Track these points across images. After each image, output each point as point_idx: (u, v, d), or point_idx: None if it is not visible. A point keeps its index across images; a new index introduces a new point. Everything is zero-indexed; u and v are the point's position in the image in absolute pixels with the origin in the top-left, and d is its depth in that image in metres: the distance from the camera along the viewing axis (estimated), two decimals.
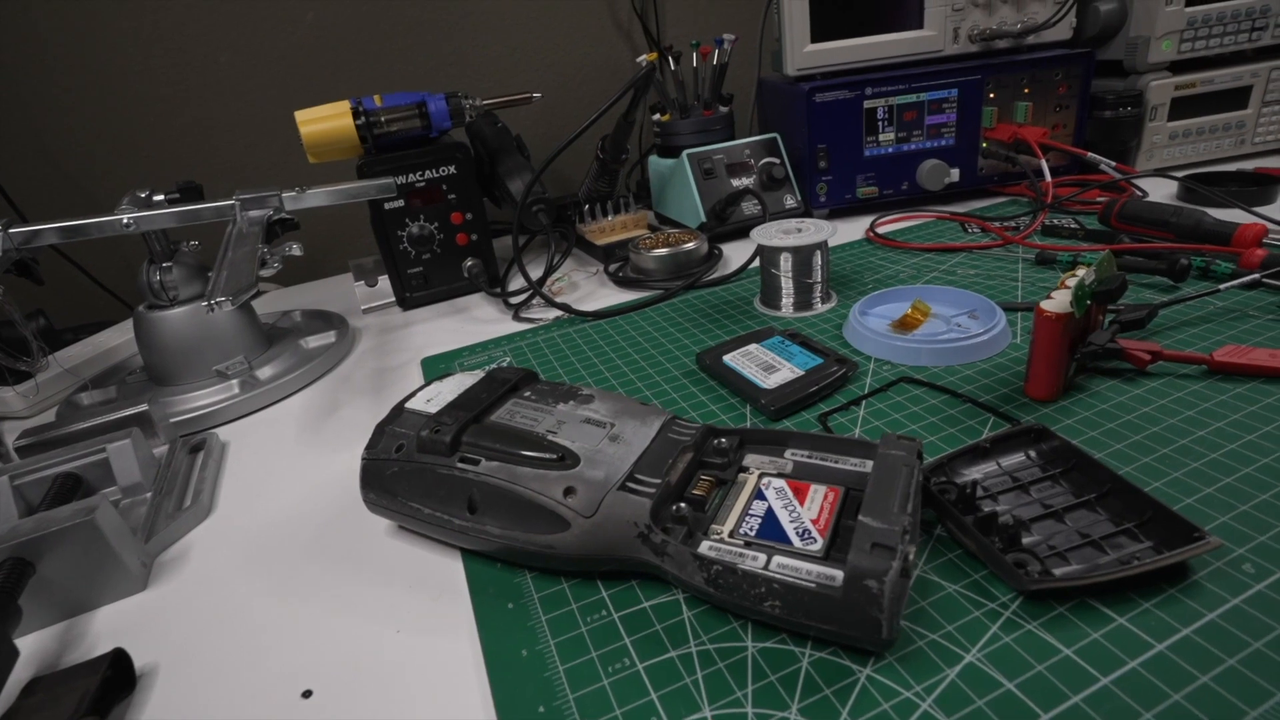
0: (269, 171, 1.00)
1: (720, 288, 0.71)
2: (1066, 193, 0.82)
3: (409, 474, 0.38)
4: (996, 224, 0.76)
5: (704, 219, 0.83)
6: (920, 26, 0.84)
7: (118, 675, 0.32)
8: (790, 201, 0.85)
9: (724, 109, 0.88)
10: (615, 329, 0.64)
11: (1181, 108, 0.84)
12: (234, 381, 0.63)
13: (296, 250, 0.59)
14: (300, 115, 0.69)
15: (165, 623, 0.37)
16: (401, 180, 0.74)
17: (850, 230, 0.82)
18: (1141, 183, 0.85)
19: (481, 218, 0.78)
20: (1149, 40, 0.81)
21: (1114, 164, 0.78)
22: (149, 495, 0.48)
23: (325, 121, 0.69)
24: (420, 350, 0.68)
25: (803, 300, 0.62)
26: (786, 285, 0.61)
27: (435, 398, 0.42)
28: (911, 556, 0.29)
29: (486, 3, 1.01)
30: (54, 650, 0.37)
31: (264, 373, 0.65)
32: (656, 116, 0.89)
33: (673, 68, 0.85)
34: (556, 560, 0.34)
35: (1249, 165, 0.83)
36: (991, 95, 0.82)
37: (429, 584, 0.37)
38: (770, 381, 0.48)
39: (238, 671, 0.33)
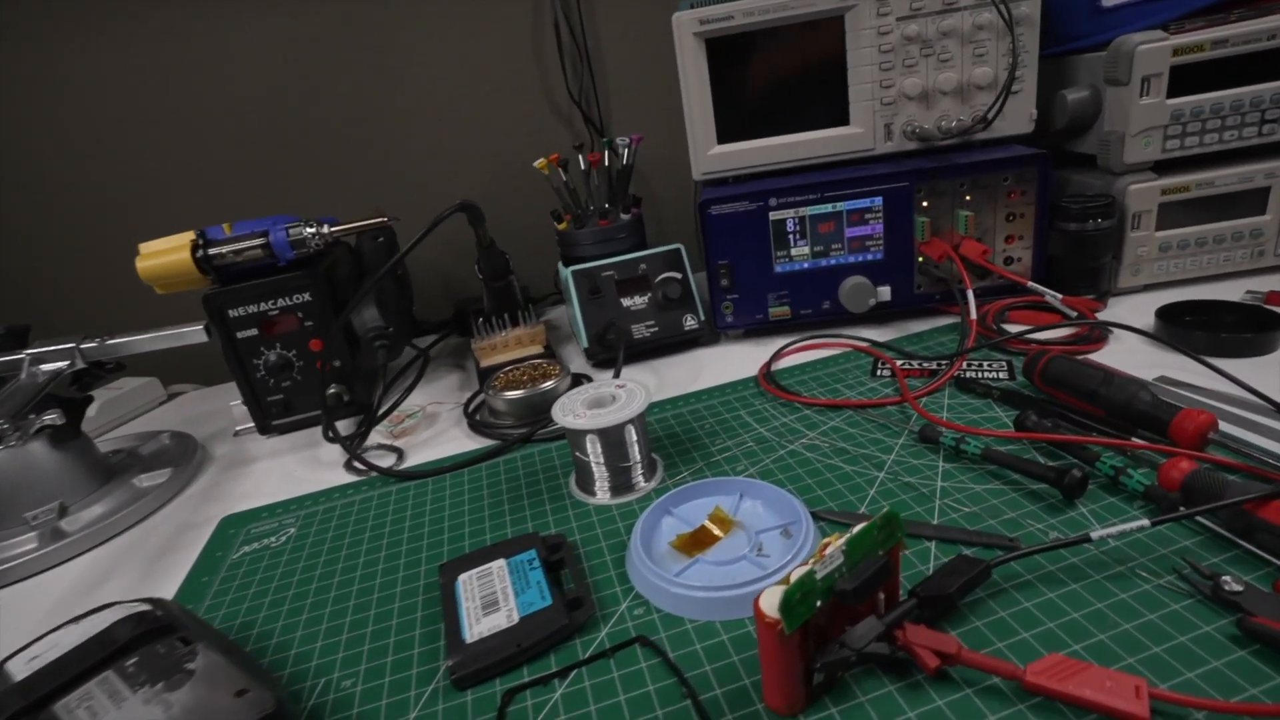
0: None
1: (561, 442, 0.62)
2: (1027, 320, 0.68)
3: None
4: (916, 364, 0.63)
5: (586, 344, 0.74)
6: (846, 123, 0.73)
7: None
8: (690, 323, 0.75)
9: (626, 216, 0.79)
10: (421, 495, 0.57)
11: (1174, 214, 0.68)
12: (35, 534, 0.60)
13: (54, 419, 0.56)
14: (143, 248, 0.67)
15: None
16: (253, 309, 0.70)
17: (756, 357, 0.71)
18: (1129, 301, 0.70)
19: (349, 343, 0.73)
20: (1123, 137, 0.66)
21: (1059, 296, 0.64)
22: None
23: (162, 256, 0.66)
24: (242, 499, 0.63)
25: (621, 483, 0.52)
26: (599, 470, 0.51)
27: (42, 655, 0.36)
28: None
29: (418, 97, 0.98)
30: None
31: (82, 518, 0.62)
32: (558, 225, 0.82)
33: (564, 178, 0.78)
34: None
35: (1265, 285, 0.66)
36: (925, 204, 0.69)
37: None
38: (478, 629, 0.39)
39: None
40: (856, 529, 0.31)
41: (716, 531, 0.43)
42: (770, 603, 0.29)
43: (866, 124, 0.72)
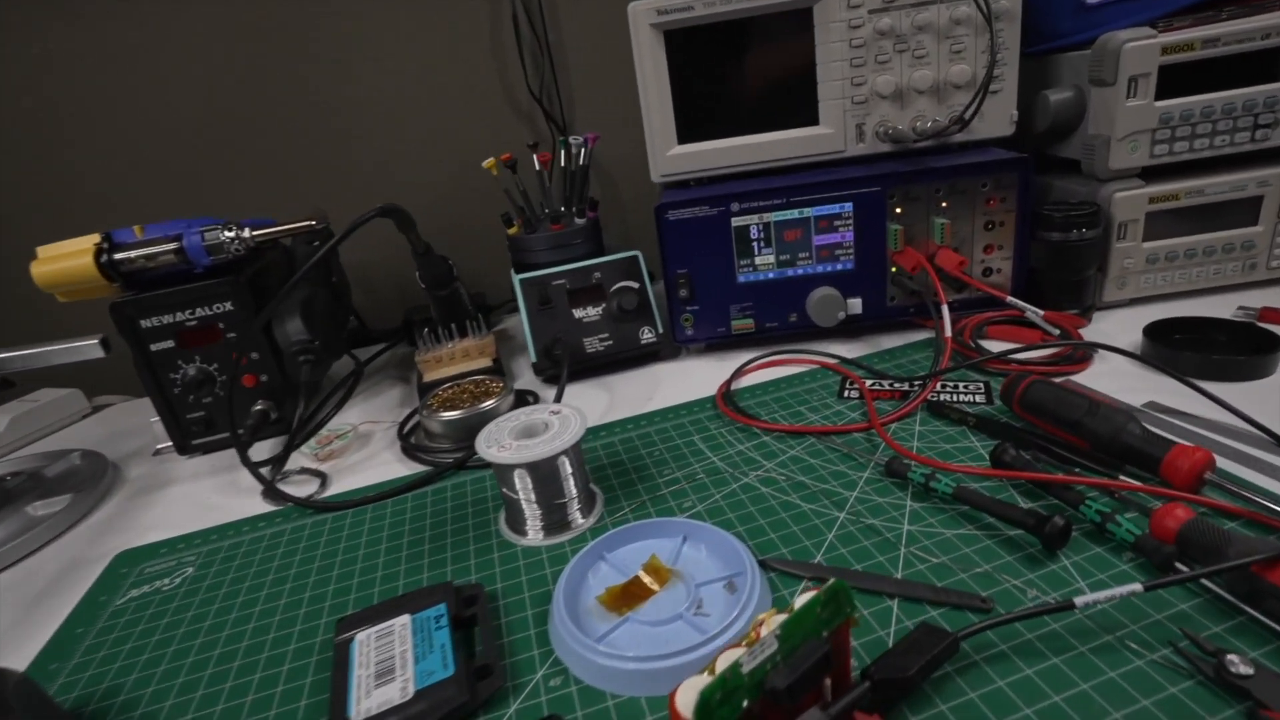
0: None
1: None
2: (1006, 336, 0.64)
3: None
4: (887, 384, 0.58)
5: (534, 359, 0.69)
6: (815, 123, 0.68)
7: None
8: (647, 336, 0.70)
9: (581, 221, 0.74)
10: (338, 530, 0.51)
11: (1163, 223, 0.64)
12: None
13: None
14: (40, 252, 0.61)
15: None
16: (168, 319, 0.64)
17: (717, 373, 0.66)
18: (1114, 316, 0.65)
19: (277, 355, 0.67)
20: (1109, 142, 0.61)
21: (1040, 312, 0.59)
22: None
23: (62, 260, 0.60)
24: (145, 531, 0.57)
25: (555, 521, 0.46)
26: (529, 509, 0.46)
27: None
28: None
29: (368, 92, 0.92)
30: None
31: None
32: (508, 229, 0.76)
33: (515, 178, 0.73)
34: None
35: (1257, 300, 0.62)
36: (898, 210, 0.65)
37: None
38: (366, 704, 0.33)
39: None
40: (797, 604, 0.26)
41: (651, 584, 0.38)
42: (687, 700, 0.24)
43: (836, 124, 0.67)
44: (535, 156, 0.77)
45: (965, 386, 0.57)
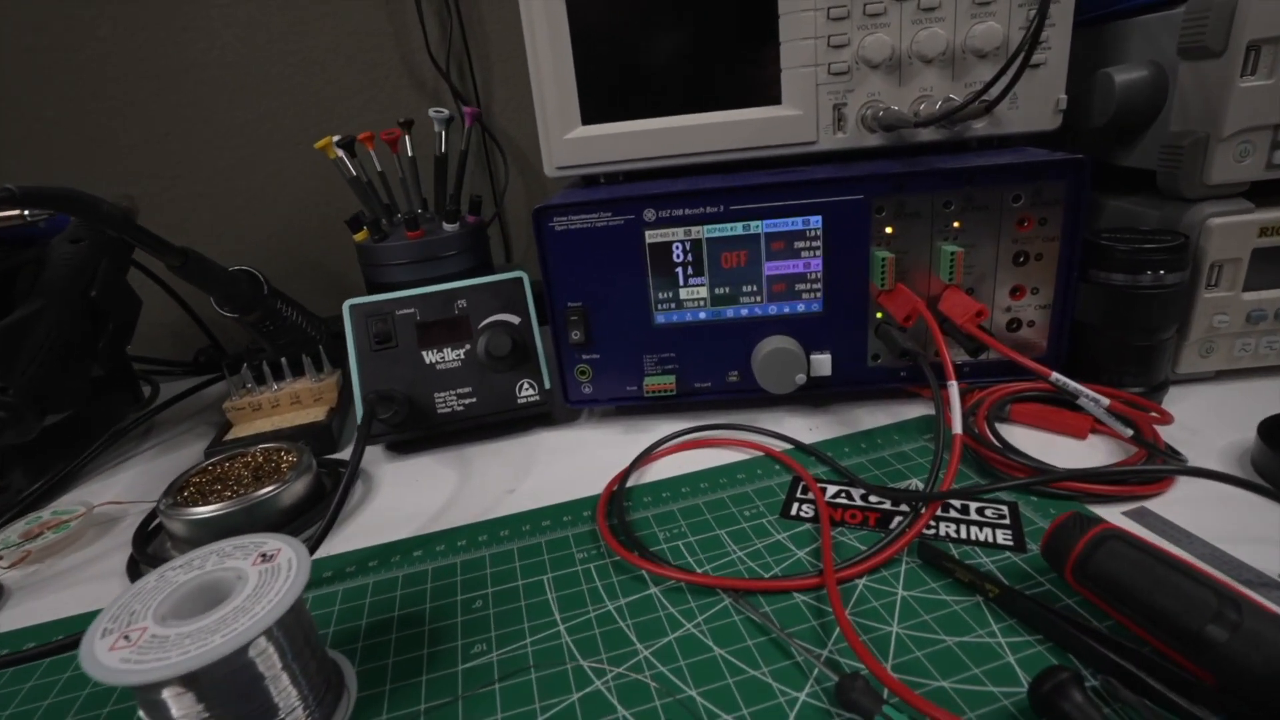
0: None
1: None
2: (1039, 421, 0.43)
3: None
4: (858, 496, 0.38)
5: (360, 414, 0.48)
6: (775, 101, 0.48)
7: None
8: (528, 393, 0.49)
9: (450, 227, 0.53)
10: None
11: (1274, 266, 0.44)
12: None
13: None
14: None
15: None
16: None
17: (620, 450, 0.46)
18: (1194, 398, 0.44)
19: None
20: (1206, 142, 0.41)
21: (1104, 401, 0.38)
22: None
23: None
24: None
25: None
26: None
27: None
28: None
29: (214, 52, 0.72)
30: None
31: None
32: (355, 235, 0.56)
33: (352, 170, 0.52)
34: None
35: None
36: (888, 230, 0.44)
37: None
38: None
39: None
40: None
41: None
42: None
43: (805, 103, 0.47)
44: (406, 139, 0.57)
45: (980, 511, 0.36)
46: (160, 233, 0.43)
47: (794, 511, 0.38)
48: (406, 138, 0.58)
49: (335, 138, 0.52)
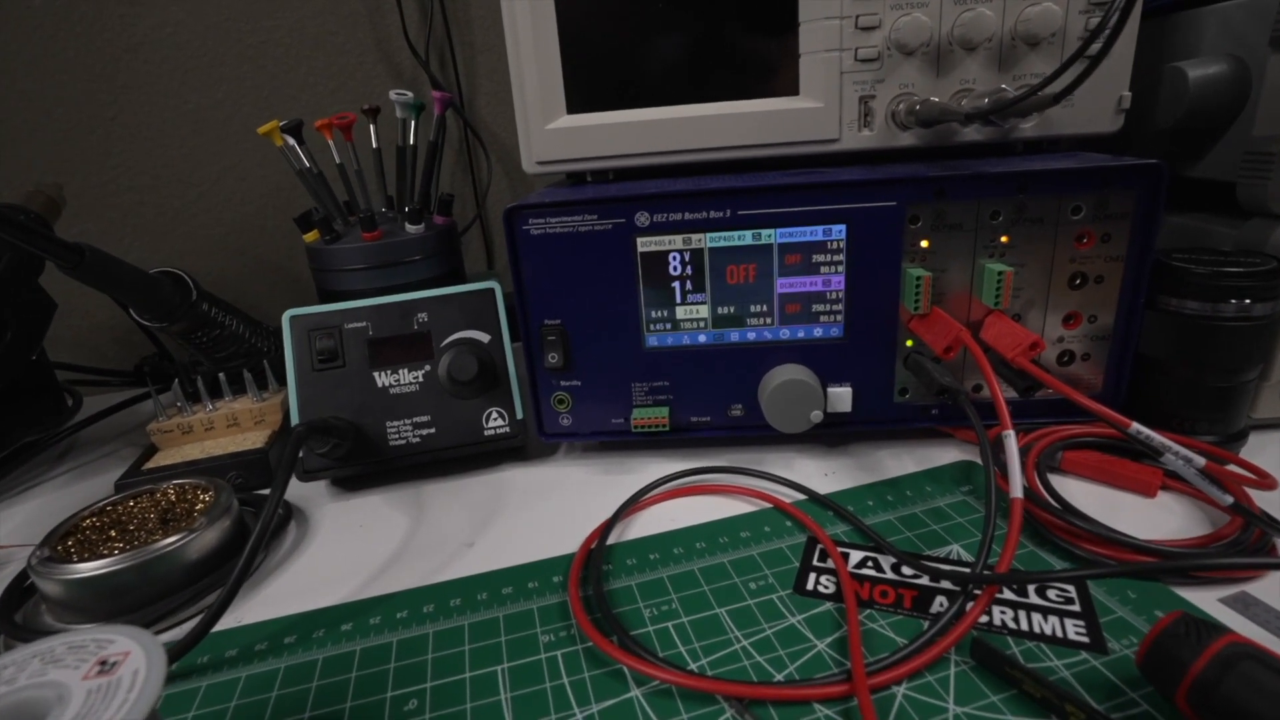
0: None
1: None
2: (1097, 473, 0.37)
3: None
4: (888, 568, 0.31)
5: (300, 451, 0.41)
6: (792, 92, 0.41)
7: None
8: (497, 424, 0.42)
9: (415, 229, 0.47)
10: None
11: None
12: None
13: None
14: None
15: None
16: None
17: (602, 493, 0.39)
18: (1274, 448, 0.38)
19: None
20: None
21: (1200, 461, 0.31)
22: None
23: None
24: None
25: None
26: None
27: None
28: None
29: (167, 30, 0.65)
30: None
31: None
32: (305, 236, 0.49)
33: (304, 160, 0.45)
34: None
35: None
36: (924, 244, 0.38)
37: None
38: None
39: None
40: None
41: None
42: None
43: (827, 94, 0.40)
44: (371, 128, 0.50)
45: (1041, 592, 0.29)
46: (99, 231, 0.36)
47: (811, 585, 0.31)
48: (371, 126, 0.51)
49: (281, 122, 0.45)
